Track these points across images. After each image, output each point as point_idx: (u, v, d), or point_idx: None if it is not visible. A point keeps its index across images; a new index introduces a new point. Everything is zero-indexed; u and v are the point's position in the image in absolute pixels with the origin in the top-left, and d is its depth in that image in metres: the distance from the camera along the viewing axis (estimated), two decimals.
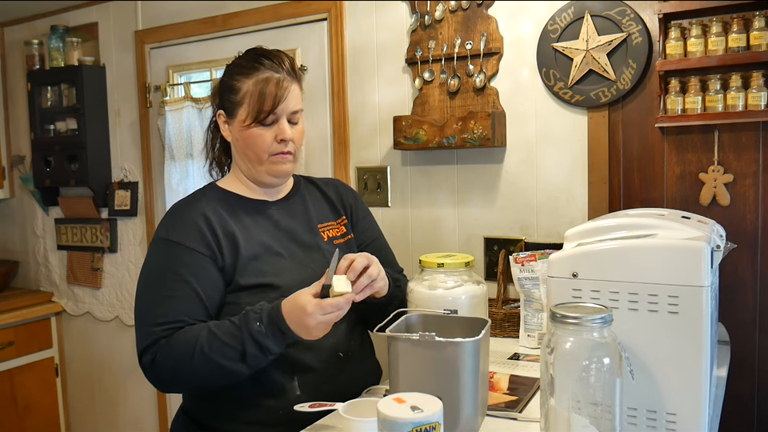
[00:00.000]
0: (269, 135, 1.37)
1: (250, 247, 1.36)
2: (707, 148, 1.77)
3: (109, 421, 3.13)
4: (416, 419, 0.87)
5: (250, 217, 1.41)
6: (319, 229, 1.50)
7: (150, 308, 1.29)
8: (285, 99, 1.36)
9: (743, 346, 1.76)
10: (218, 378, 1.25)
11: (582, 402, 0.95)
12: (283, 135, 1.37)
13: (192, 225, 1.33)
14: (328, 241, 1.48)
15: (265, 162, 1.39)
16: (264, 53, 1.40)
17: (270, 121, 1.36)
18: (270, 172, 1.41)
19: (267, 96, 1.34)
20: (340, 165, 2.35)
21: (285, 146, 1.38)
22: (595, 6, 1.86)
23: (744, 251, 1.74)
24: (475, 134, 1.96)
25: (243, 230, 1.38)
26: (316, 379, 1.34)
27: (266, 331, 1.20)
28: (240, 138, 1.40)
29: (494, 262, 2.07)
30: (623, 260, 1.06)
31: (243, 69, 1.38)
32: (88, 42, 2.99)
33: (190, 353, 1.21)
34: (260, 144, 1.37)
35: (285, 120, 1.38)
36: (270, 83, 1.35)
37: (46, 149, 3.02)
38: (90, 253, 3.09)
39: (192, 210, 1.37)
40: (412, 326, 1.27)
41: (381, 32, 2.24)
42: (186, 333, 1.24)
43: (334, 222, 1.55)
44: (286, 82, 1.37)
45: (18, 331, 3.02)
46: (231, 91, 1.39)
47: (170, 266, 1.30)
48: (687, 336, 1.01)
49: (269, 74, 1.36)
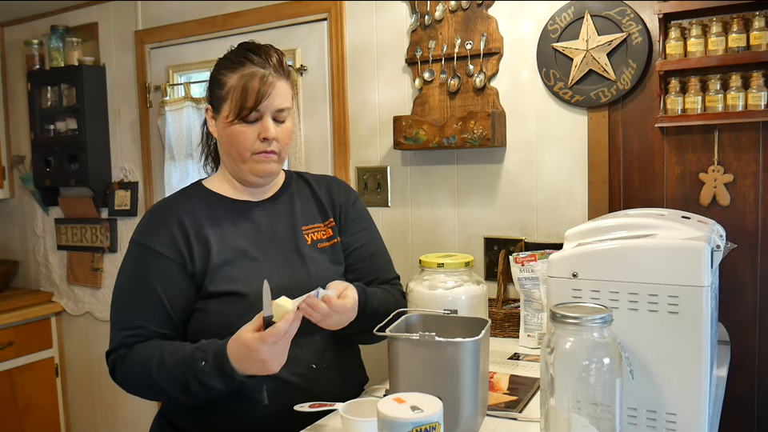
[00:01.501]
0: (252, 133, 1.32)
1: (222, 252, 1.33)
2: (707, 148, 1.77)
3: (108, 421, 3.13)
4: (416, 419, 0.87)
5: (230, 219, 1.38)
6: (303, 231, 1.44)
7: (118, 311, 1.33)
8: (269, 96, 1.31)
9: (743, 346, 1.76)
10: (169, 401, 1.27)
11: (581, 401, 0.95)
12: (266, 134, 1.32)
13: (164, 228, 1.33)
14: (312, 244, 1.43)
15: (248, 160, 1.35)
16: (252, 47, 1.35)
17: (253, 118, 1.32)
18: (252, 171, 1.36)
19: (250, 92, 1.30)
20: (340, 165, 2.35)
21: (268, 144, 1.33)
22: (595, 5, 1.86)
23: (744, 251, 1.74)
24: (475, 134, 1.96)
25: (218, 233, 1.35)
26: (287, 390, 1.30)
27: (210, 371, 1.18)
28: (224, 134, 1.36)
29: (494, 261, 2.07)
30: (623, 260, 1.06)
31: (230, 63, 1.34)
32: (88, 42, 2.99)
33: (141, 374, 1.25)
34: (242, 142, 1.33)
35: (269, 118, 1.33)
36: (254, 78, 1.30)
37: (46, 149, 3.02)
38: (90, 253, 3.09)
39: (167, 212, 1.36)
40: (412, 325, 1.27)
41: (381, 32, 2.24)
42: (141, 352, 1.26)
43: (321, 223, 1.47)
44: (271, 78, 1.31)
45: (18, 331, 3.02)
46: (217, 85, 1.35)
47: (138, 270, 1.32)
48: (687, 336, 1.01)
49: (254, 69, 1.31)
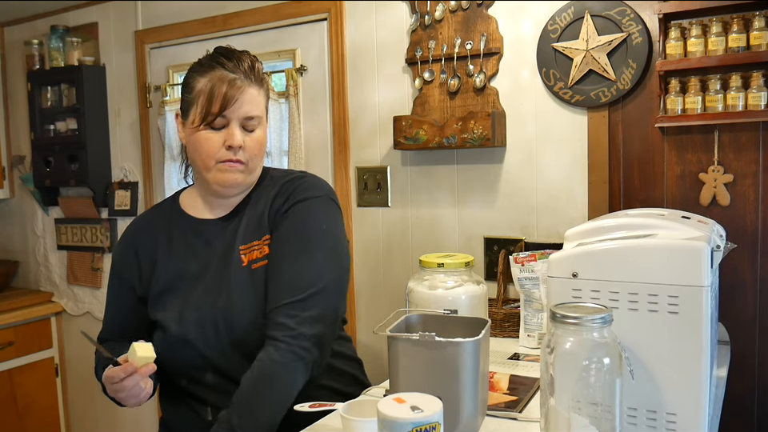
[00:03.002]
0: (217, 140, 1.25)
1: (164, 278, 1.34)
2: (707, 148, 1.77)
3: (108, 421, 3.13)
4: (416, 419, 0.87)
5: (185, 239, 1.35)
6: (241, 251, 1.30)
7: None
8: (236, 101, 1.24)
9: (743, 346, 1.76)
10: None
11: (582, 401, 0.95)
12: (231, 141, 1.24)
13: (123, 250, 1.41)
14: (247, 265, 1.29)
15: (212, 169, 1.27)
16: (225, 52, 1.29)
17: (219, 124, 1.25)
18: (216, 180, 1.28)
19: (217, 96, 1.23)
20: (340, 165, 2.35)
21: (233, 153, 1.25)
22: (595, 6, 1.86)
23: (744, 251, 1.74)
24: (475, 134, 1.96)
25: (167, 258, 1.35)
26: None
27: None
28: (189, 141, 1.29)
29: (494, 261, 2.07)
30: (623, 260, 1.06)
31: (201, 67, 1.29)
32: (88, 42, 2.99)
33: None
34: (206, 149, 1.25)
35: (236, 125, 1.25)
36: (222, 82, 1.24)
37: (46, 149, 3.02)
38: (90, 253, 3.09)
39: (132, 229, 1.44)
40: (412, 326, 1.26)
41: (381, 32, 2.24)
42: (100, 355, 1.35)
43: (259, 240, 1.31)
44: (239, 83, 1.25)
45: (18, 331, 3.02)
46: (186, 89, 1.30)
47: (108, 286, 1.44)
48: (687, 336, 1.01)
49: (223, 73, 1.25)
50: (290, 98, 2.37)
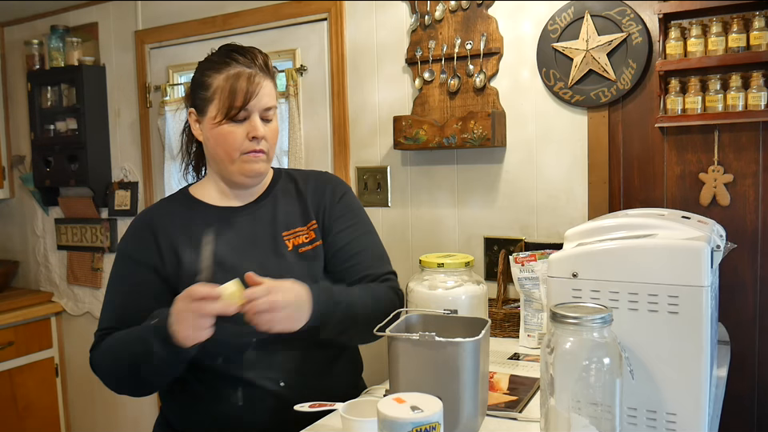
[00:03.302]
0: (240, 132, 1.32)
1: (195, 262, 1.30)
2: (707, 148, 1.77)
3: (108, 421, 3.13)
4: (416, 419, 0.87)
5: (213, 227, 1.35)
6: (284, 237, 1.39)
7: (101, 313, 1.38)
8: (257, 95, 1.31)
9: (743, 346, 1.76)
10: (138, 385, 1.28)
11: (582, 401, 0.95)
12: (255, 132, 1.31)
13: (138, 238, 1.38)
14: (293, 250, 1.38)
15: (236, 161, 1.33)
16: (236, 48, 1.35)
17: (241, 117, 1.31)
18: (242, 172, 1.35)
19: (239, 91, 1.29)
20: (340, 165, 2.35)
21: (257, 143, 1.33)
22: (595, 6, 1.86)
23: (744, 251, 1.74)
24: (475, 134, 1.96)
25: (192, 243, 1.34)
26: (260, 394, 1.32)
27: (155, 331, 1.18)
28: (211, 136, 1.34)
29: (494, 261, 2.07)
30: (623, 260, 1.06)
31: (215, 64, 1.33)
32: (88, 42, 2.99)
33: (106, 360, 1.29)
34: (231, 142, 1.32)
35: (257, 116, 1.32)
36: (241, 78, 1.30)
37: (46, 149, 3.02)
38: (90, 253, 3.09)
39: (145, 218, 1.40)
40: (412, 326, 1.26)
41: (381, 32, 2.24)
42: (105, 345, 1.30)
43: (303, 227, 1.42)
44: (258, 78, 1.32)
45: (18, 331, 3.02)
46: (202, 87, 1.34)
47: (114, 276, 1.38)
48: (687, 336, 1.01)
49: (240, 69, 1.31)
50: (290, 98, 2.37)
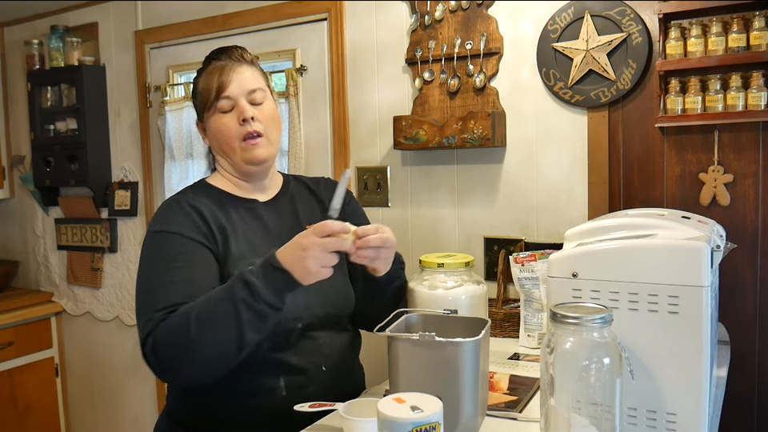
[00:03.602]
0: (232, 121, 1.36)
1: (239, 245, 1.34)
2: (707, 148, 1.77)
3: (108, 421, 3.13)
4: (416, 419, 0.87)
5: (239, 215, 1.39)
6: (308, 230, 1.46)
7: (149, 297, 1.25)
8: (232, 81, 1.35)
9: (743, 346, 1.76)
10: (218, 349, 1.16)
11: (582, 402, 0.95)
12: (243, 114, 1.35)
13: (185, 216, 1.32)
14: None
15: (237, 149, 1.37)
16: (217, 50, 1.42)
17: (227, 106, 1.36)
18: (244, 159, 1.38)
19: (214, 81, 1.36)
20: (340, 165, 2.35)
21: (249, 125, 1.35)
22: (595, 6, 1.86)
23: (744, 251, 1.74)
24: (475, 134, 1.96)
25: (232, 226, 1.36)
26: (303, 380, 1.33)
27: (257, 271, 1.15)
28: (211, 134, 1.40)
29: (494, 261, 2.07)
30: (623, 260, 1.06)
31: (200, 71, 1.42)
32: (88, 42, 2.99)
33: (186, 323, 1.15)
34: (225, 132, 1.36)
35: (243, 100, 1.36)
36: (215, 71, 1.37)
37: (46, 149, 3.02)
38: (90, 253, 3.09)
39: (183, 204, 1.35)
40: (412, 326, 1.27)
41: (381, 32, 2.24)
42: (181, 308, 1.19)
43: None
44: (230, 65, 1.37)
45: (18, 331, 3.02)
46: (195, 95, 1.43)
47: (166, 256, 1.28)
48: (687, 336, 1.01)
49: (215, 65, 1.39)
50: (290, 98, 2.37)
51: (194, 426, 1.35)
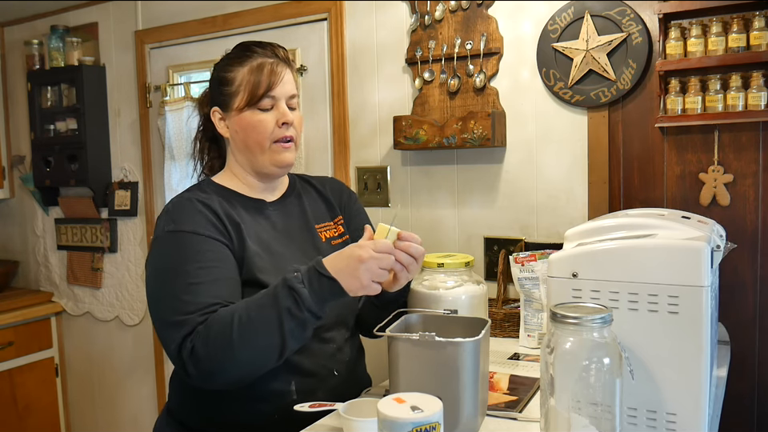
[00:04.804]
0: (270, 120, 1.34)
1: (252, 242, 1.32)
2: (707, 148, 1.77)
3: (109, 420, 3.13)
4: (416, 419, 0.87)
5: (249, 214, 1.38)
6: (317, 229, 1.46)
7: (176, 301, 1.18)
8: (281, 82, 1.34)
9: (743, 346, 1.76)
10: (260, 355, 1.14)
11: (582, 401, 0.95)
12: (285, 118, 1.34)
13: (199, 214, 1.27)
14: (326, 242, 1.45)
15: (266, 150, 1.35)
16: (255, 42, 1.40)
17: (268, 105, 1.34)
18: (272, 161, 1.36)
19: (264, 77, 1.33)
20: (340, 165, 2.35)
21: (287, 129, 1.35)
22: (595, 6, 1.86)
23: (744, 251, 1.74)
24: (475, 134, 1.96)
25: (245, 223, 1.34)
26: (313, 385, 1.33)
27: (303, 277, 1.13)
28: (240, 128, 1.35)
29: (494, 262, 2.07)
30: (623, 260, 1.06)
31: (235, 59, 1.37)
32: (88, 42, 2.99)
33: (229, 328, 1.12)
34: (261, 130, 1.34)
35: (284, 103, 1.35)
36: (264, 67, 1.34)
37: (46, 149, 3.02)
38: (90, 253, 3.09)
39: (195, 201, 1.30)
40: (412, 326, 1.27)
41: (381, 32, 2.24)
42: (222, 311, 1.15)
43: (331, 222, 1.51)
44: (280, 67, 1.36)
45: (18, 331, 3.02)
46: (225, 83, 1.36)
47: (187, 256, 1.22)
48: (687, 336, 1.01)
49: (263, 60, 1.35)
50: None
51: (195, 427, 1.34)
